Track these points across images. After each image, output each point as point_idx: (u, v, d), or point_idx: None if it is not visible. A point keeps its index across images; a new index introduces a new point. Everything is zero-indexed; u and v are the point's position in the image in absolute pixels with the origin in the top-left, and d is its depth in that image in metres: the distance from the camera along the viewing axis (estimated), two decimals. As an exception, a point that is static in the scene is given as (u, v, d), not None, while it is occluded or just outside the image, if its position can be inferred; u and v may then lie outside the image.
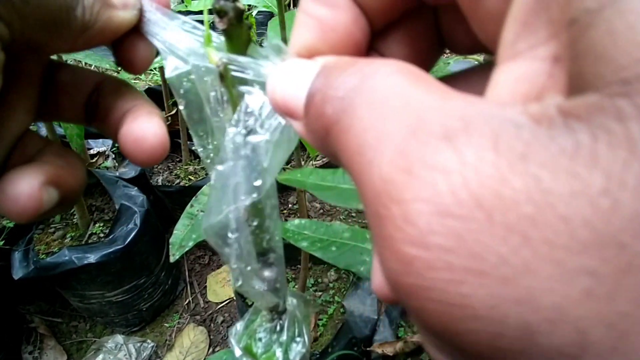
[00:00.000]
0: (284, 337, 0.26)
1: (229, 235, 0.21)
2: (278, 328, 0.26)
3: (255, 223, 0.22)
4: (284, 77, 0.14)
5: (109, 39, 0.20)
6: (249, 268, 0.22)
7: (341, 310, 0.97)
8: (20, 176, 0.18)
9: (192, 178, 1.28)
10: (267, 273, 0.23)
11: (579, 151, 0.08)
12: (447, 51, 0.18)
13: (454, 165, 0.09)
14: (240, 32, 0.17)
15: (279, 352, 0.26)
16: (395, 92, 0.11)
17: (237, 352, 0.27)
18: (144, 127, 0.20)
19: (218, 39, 0.19)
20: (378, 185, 0.10)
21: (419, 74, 0.11)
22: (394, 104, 0.10)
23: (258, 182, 0.20)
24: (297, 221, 0.36)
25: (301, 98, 0.13)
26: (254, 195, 0.20)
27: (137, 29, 0.20)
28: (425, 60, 0.17)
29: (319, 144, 0.13)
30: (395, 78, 0.11)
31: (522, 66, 0.11)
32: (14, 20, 0.16)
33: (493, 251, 0.08)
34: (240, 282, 0.23)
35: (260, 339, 0.27)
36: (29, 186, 0.18)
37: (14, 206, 0.18)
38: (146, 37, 0.20)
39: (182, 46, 0.19)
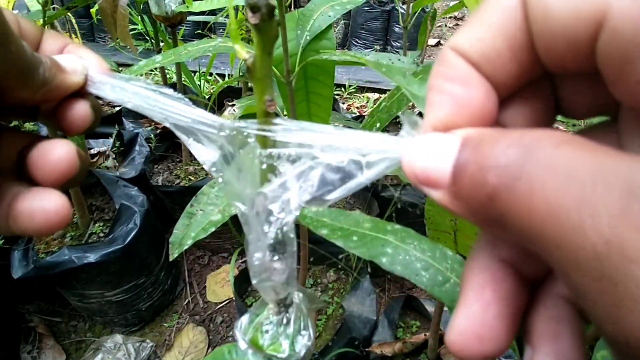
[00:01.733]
0: (291, 329, 0.26)
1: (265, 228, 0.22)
2: (285, 321, 0.26)
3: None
4: (423, 149, 0.15)
5: (60, 96, 0.23)
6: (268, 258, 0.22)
7: (340, 310, 0.98)
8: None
9: (192, 178, 1.29)
10: (279, 265, 0.23)
11: None
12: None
13: None
14: (270, 28, 0.17)
15: (285, 344, 0.26)
16: (574, 158, 0.11)
17: (243, 345, 0.27)
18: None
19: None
20: (599, 247, 0.10)
21: (580, 140, 0.12)
22: (581, 169, 0.11)
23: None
24: (314, 208, 0.36)
25: (445, 169, 0.14)
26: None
27: (80, 93, 0.24)
28: (541, 126, 0.18)
29: (473, 209, 0.14)
30: (566, 147, 0.12)
31: None
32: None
33: None
34: (260, 277, 0.23)
35: (266, 331, 0.27)
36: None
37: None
38: (102, 99, 0.25)
39: (209, 119, 0.21)
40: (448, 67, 0.16)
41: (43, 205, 0.21)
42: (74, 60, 0.24)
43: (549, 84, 0.17)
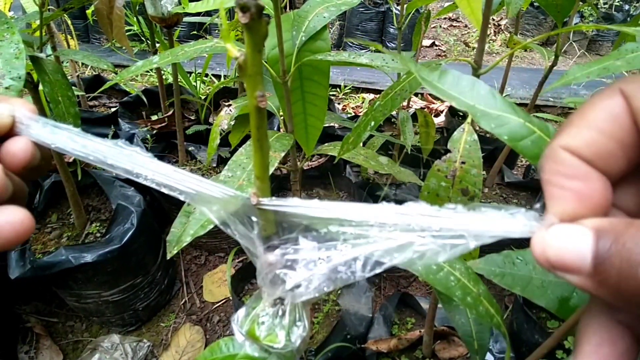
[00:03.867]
0: (286, 320, 0.27)
1: None
2: (280, 312, 0.27)
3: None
4: (557, 238, 0.16)
5: None
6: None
7: (336, 308, 0.98)
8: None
9: (189, 178, 1.29)
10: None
11: None
12: (440, 53, 0.20)
13: None
14: (259, 27, 0.18)
15: (281, 335, 0.27)
16: None
17: (240, 337, 0.28)
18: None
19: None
20: None
21: None
22: None
23: None
24: None
25: (583, 259, 0.15)
26: None
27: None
28: None
29: (621, 296, 0.15)
30: None
31: None
32: None
33: None
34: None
35: (262, 323, 0.28)
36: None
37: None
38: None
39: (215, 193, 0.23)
40: (565, 166, 0.17)
41: (8, 219, 0.23)
42: None
43: None
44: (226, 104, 0.81)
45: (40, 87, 0.87)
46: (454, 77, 0.30)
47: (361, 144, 1.22)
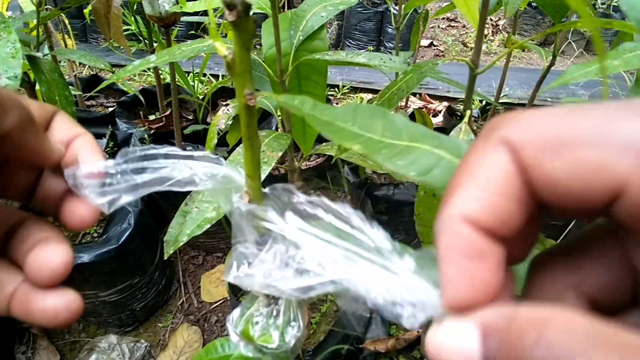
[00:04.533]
0: (280, 320, 0.27)
1: None
2: (274, 312, 0.27)
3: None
4: (447, 339, 0.15)
5: (25, 157, 0.23)
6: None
7: (334, 308, 0.98)
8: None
9: (186, 178, 1.29)
10: None
11: None
12: (438, 53, 0.20)
13: None
14: (246, 25, 0.18)
15: (275, 335, 0.27)
16: (587, 345, 0.12)
17: (234, 337, 0.28)
18: (50, 255, 0.23)
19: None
20: None
21: (617, 336, 0.12)
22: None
23: None
24: None
25: (472, 356, 0.14)
26: None
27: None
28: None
29: None
30: (578, 333, 0.12)
31: None
32: None
33: None
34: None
35: (257, 323, 0.28)
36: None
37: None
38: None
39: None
40: (463, 241, 0.15)
41: (65, 304, 0.23)
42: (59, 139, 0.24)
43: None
44: (224, 103, 0.81)
45: (37, 87, 0.86)
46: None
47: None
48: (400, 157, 0.20)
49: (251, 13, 0.19)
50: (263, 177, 0.52)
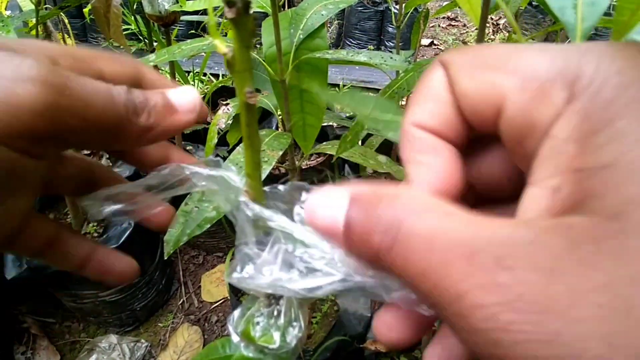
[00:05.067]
0: (281, 321, 0.26)
1: None
2: (275, 313, 0.27)
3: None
4: (321, 203, 0.17)
5: (166, 137, 0.23)
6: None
7: (335, 308, 0.98)
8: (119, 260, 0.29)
9: (186, 178, 1.29)
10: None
11: (592, 258, 0.12)
12: (439, 52, 0.20)
13: (510, 281, 0.12)
14: (246, 22, 0.18)
15: (276, 336, 0.26)
16: (433, 227, 0.14)
17: (235, 337, 0.28)
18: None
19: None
20: (455, 298, 0.13)
21: (443, 206, 0.15)
22: (440, 238, 0.14)
23: None
24: None
25: (338, 223, 0.16)
26: None
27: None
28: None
29: (365, 260, 0.17)
30: (428, 215, 0.14)
31: (537, 191, 0.15)
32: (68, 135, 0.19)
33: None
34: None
35: (258, 323, 0.27)
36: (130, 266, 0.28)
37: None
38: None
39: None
40: (416, 141, 0.18)
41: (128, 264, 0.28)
42: (188, 93, 0.23)
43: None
44: (224, 102, 0.81)
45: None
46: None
47: (360, 143, 1.21)
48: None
49: (251, 11, 0.18)
50: (263, 176, 0.52)
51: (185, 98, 0.23)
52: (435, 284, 0.13)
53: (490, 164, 0.19)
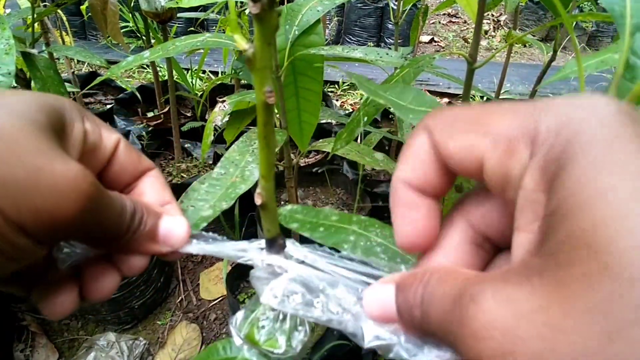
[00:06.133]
0: (287, 325, 0.26)
1: None
2: (281, 317, 0.26)
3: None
4: (375, 296, 0.21)
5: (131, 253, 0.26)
6: None
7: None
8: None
9: (185, 175, 1.28)
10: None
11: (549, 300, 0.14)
12: (439, 49, 0.19)
13: (478, 315, 0.15)
14: (270, 18, 0.17)
15: (281, 340, 0.26)
16: (449, 290, 0.17)
17: (238, 340, 0.27)
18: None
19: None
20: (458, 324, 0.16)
21: (452, 273, 0.18)
22: (447, 302, 0.17)
23: None
24: (289, 206, 0.37)
25: (392, 311, 0.20)
26: None
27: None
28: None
29: (419, 333, 0.20)
30: (447, 284, 0.17)
31: (519, 237, 0.17)
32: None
33: None
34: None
35: (263, 327, 0.27)
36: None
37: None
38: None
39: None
40: (401, 197, 0.21)
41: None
42: (178, 229, 0.26)
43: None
44: (220, 100, 0.80)
45: (33, 84, 0.86)
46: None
47: (358, 140, 1.21)
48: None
49: (248, 11, 0.18)
50: (257, 173, 0.51)
51: (173, 233, 0.26)
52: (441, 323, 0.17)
53: (496, 213, 0.22)
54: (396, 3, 1.07)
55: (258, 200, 0.23)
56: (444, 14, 3.85)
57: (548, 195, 0.15)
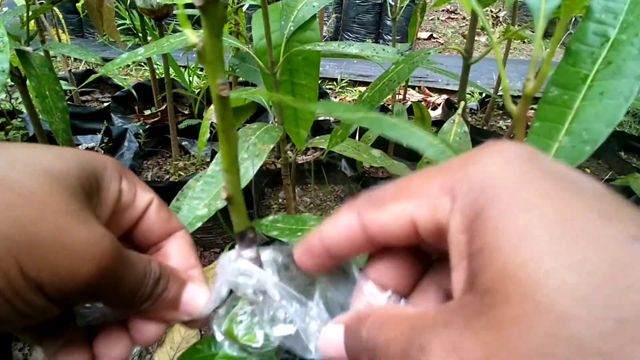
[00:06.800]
0: (265, 319, 0.26)
1: None
2: (258, 311, 0.26)
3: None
4: (328, 336, 0.23)
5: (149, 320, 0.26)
6: None
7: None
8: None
9: (182, 173, 1.28)
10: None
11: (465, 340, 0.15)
12: (437, 45, 0.19)
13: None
14: (215, 10, 0.17)
15: (259, 334, 0.26)
16: (389, 335, 0.18)
17: (219, 336, 0.27)
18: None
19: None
20: None
21: (392, 316, 0.19)
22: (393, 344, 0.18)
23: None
24: (270, 217, 0.38)
25: (342, 350, 0.21)
26: None
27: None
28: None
29: None
30: (385, 328, 0.19)
31: (454, 275, 0.18)
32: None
33: None
34: None
35: (241, 322, 0.27)
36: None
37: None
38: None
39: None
40: (313, 248, 0.23)
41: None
42: (199, 299, 0.26)
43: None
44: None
45: (28, 82, 0.85)
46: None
47: (357, 138, 1.20)
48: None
49: (245, 7, 0.17)
50: (255, 171, 0.51)
51: (195, 302, 0.26)
52: None
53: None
54: (393, -1, 1.06)
55: (223, 194, 0.23)
56: (443, 10, 3.85)
57: (470, 236, 0.17)
